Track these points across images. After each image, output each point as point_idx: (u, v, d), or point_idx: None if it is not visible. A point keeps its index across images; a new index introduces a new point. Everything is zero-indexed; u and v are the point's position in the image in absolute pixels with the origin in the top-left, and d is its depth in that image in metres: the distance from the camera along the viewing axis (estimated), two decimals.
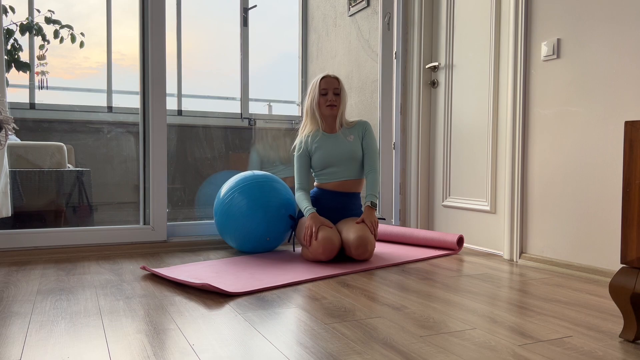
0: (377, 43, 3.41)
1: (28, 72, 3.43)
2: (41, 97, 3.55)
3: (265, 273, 2.14)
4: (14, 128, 2.22)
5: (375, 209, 2.53)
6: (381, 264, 2.34)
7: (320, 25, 4.50)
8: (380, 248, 2.75)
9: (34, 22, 3.43)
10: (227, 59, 4.42)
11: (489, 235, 2.74)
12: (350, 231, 2.40)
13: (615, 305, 1.56)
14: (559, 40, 2.31)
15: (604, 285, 2.00)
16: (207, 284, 1.84)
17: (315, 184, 2.67)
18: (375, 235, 2.46)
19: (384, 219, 3.09)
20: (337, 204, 2.59)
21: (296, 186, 2.60)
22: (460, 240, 2.70)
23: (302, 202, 2.54)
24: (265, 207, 2.52)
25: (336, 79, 2.60)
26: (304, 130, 2.65)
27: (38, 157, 3.06)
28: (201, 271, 2.16)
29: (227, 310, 1.63)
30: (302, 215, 2.56)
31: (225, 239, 2.65)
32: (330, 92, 2.56)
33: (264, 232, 2.53)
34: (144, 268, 2.16)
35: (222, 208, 2.58)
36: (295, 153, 2.64)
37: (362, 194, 2.67)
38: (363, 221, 2.46)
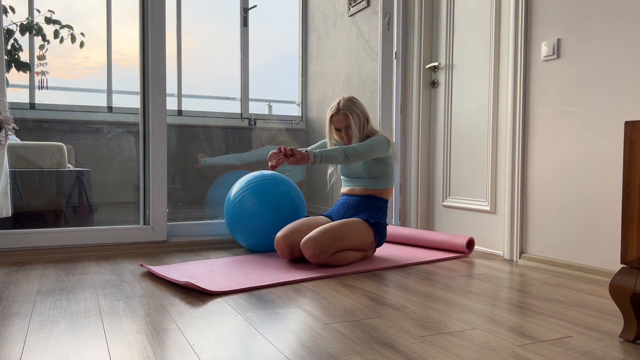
0: (377, 43, 3.40)
1: (28, 72, 3.43)
2: (41, 97, 3.54)
3: (259, 273, 2.14)
4: (14, 128, 2.22)
5: (309, 158, 2.23)
6: (384, 265, 2.34)
7: (320, 25, 4.50)
8: (387, 249, 2.72)
9: (34, 22, 3.43)
10: (227, 59, 4.42)
11: (489, 235, 2.74)
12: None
13: (615, 305, 1.56)
14: (559, 40, 2.31)
15: (604, 285, 2.00)
16: (190, 282, 1.85)
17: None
18: (287, 155, 2.22)
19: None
20: (345, 203, 2.59)
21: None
22: (471, 243, 2.61)
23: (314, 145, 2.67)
24: (276, 205, 2.57)
25: (344, 114, 2.46)
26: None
27: (38, 157, 3.06)
28: (196, 270, 2.16)
29: (227, 310, 1.62)
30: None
31: (236, 238, 2.69)
32: (343, 130, 2.51)
33: (271, 229, 2.54)
34: (142, 265, 2.19)
35: (232, 208, 2.61)
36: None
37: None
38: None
